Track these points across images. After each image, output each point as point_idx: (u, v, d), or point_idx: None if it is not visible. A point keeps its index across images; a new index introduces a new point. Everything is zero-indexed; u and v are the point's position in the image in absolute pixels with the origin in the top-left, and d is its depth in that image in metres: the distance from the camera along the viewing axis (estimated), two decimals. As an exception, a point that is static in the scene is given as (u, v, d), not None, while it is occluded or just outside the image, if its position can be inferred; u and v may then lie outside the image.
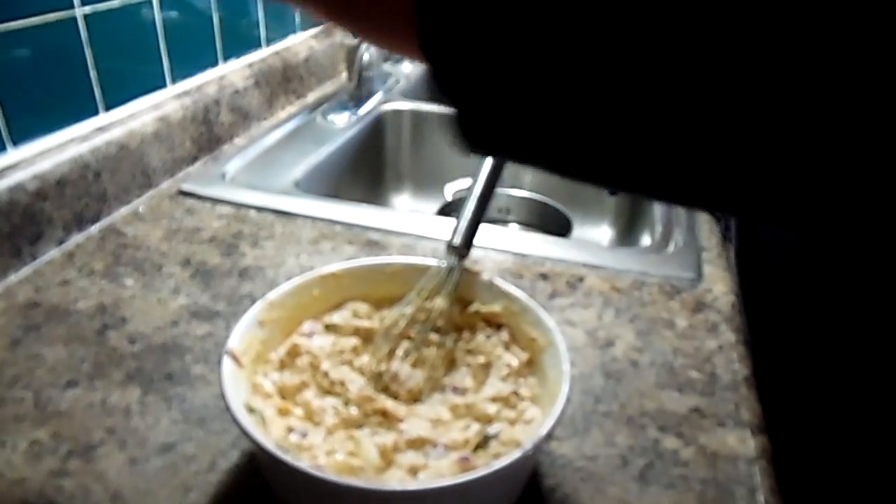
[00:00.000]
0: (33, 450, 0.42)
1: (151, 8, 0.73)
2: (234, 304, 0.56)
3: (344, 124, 0.96)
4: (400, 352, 0.43)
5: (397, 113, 1.05)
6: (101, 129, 0.68)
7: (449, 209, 0.93)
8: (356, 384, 0.41)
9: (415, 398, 0.42)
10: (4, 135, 0.59)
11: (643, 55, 0.19)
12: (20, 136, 0.61)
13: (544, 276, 0.61)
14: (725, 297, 0.58)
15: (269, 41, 0.96)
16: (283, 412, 0.39)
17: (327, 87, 1.09)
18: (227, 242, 0.65)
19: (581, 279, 0.60)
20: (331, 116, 0.97)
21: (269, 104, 0.95)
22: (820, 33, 0.18)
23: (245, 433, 0.34)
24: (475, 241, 0.45)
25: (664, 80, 0.19)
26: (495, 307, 0.45)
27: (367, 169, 1.01)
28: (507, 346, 0.44)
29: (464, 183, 0.95)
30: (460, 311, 0.46)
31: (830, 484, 0.50)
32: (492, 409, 0.40)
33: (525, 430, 0.38)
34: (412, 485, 0.35)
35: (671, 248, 0.66)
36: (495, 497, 0.37)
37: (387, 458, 0.37)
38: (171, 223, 0.68)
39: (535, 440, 0.34)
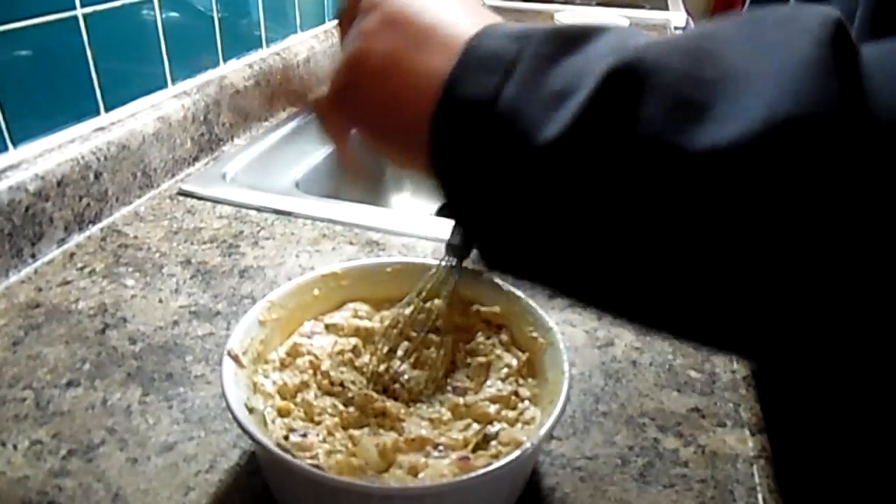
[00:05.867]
0: (34, 449, 0.42)
1: (152, 8, 0.73)
2: (235, 304, 0.56)
3: (344, 124, 0.96)
4: (400, 352, 0.43)
5: (397, 113, 1.05)
6: (102, 130, 0.68)
7: (449, 209, 0.92)
8: (356, 384, 0.41)
9: (415, 398, 0.42)
10: (5, 135, 0.59)
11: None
12: (21, 136, 0.61)
13: (544, 277, 0.61)
14: (725, 298, 0.58)
15: (270, 41, 0.96)
16: (284, 412, 0.39)
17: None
18: (228, 242, 0.65)
19: (581, 279, 0.60)
20: (331, 116, 0.97)
21: (270, 104, 0.95)
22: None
23: (245, 433, 0.34)
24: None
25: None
26: (495, 307, 0.45)
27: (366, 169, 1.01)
28: (507, 347, 0.44)
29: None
30: (460, 312, 0.46)
31: (830, 484, 0.50)
32: (492, 409, 0.40)
33: (525, 430, 0.38)
34: (412, 485, 0.35)
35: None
36: (495, 497, 0.37)
37: (387, 458, 0.37)
38: (171, 223, 0.68)
39: (535, 440, 0.34)
